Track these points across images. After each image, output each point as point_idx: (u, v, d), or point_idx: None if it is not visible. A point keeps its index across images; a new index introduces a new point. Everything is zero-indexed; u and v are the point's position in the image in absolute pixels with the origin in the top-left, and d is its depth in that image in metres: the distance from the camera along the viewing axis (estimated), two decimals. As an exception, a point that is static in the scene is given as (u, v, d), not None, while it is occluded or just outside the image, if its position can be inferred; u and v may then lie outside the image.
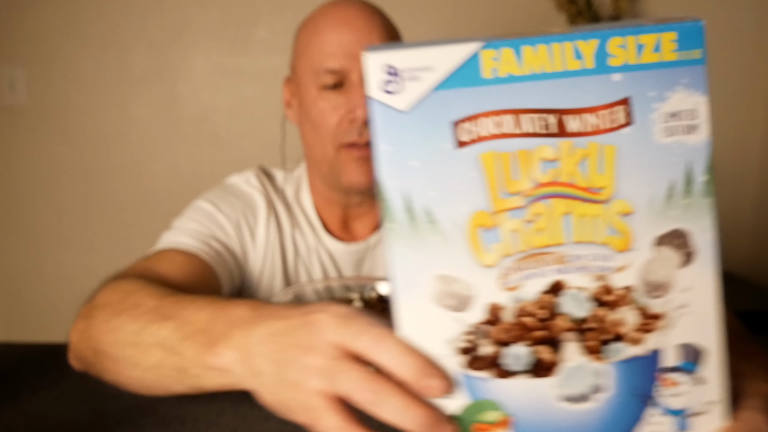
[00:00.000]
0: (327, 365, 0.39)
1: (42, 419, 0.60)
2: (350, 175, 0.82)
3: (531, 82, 0.36)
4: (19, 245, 1.93)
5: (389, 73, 0.36)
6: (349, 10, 0.82)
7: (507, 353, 0.38)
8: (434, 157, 0.37)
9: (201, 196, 0.88)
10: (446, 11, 1.81)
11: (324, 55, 0.80)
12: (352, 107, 0.80)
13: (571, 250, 0.37)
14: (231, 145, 1.87)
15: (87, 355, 0.59)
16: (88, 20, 1.81)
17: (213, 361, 0.45)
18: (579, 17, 1.64)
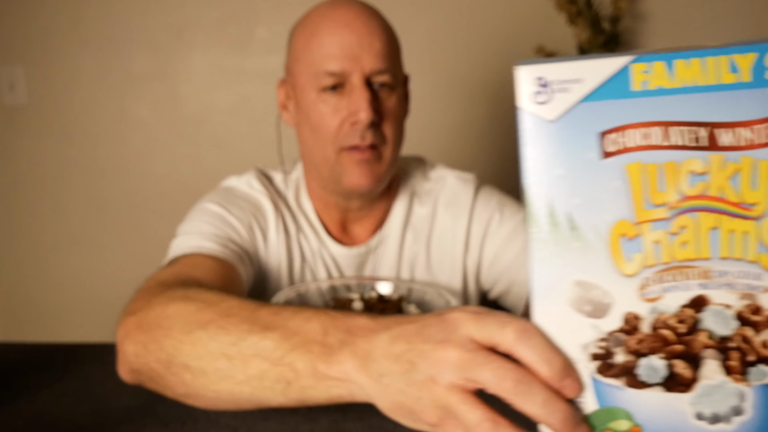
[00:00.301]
0: (464, 357, 0.38)
1: (42, 419, 0.60)
2: (352, 177, 0.81)
3: (682, 95, 0.36)
4: (19, 245, 1.93)
5: (540, 85, 0.38)
6: (349, 11, 0.81)
7: (642, 364, 0.38)
8: (579, 165, 0.37)
9: (206, 199, 0.86)
10: (446, 11, 1.81)
11: (324, 57, 0.79)
12: (354, 110, 0.79)
13: (717, 266, 0.37)
14: (231, 145, 1.87)
15: (153, 367, 0.55)
16: (88, 20, 1.81)
17: (329, 371, 0.43)
18: (579, 17, 1.64)
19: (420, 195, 0.93)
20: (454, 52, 1.83)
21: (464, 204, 0.91)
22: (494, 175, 1.86)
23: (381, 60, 0.80)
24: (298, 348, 0.45)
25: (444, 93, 1.86)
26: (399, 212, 0.91)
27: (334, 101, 0.80)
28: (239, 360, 0.48)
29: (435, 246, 0.91)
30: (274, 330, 0.48)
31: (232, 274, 0.75)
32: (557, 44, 1.74)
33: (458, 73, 1.84)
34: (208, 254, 0.75)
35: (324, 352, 0.44)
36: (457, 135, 1.87)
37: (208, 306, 0.54)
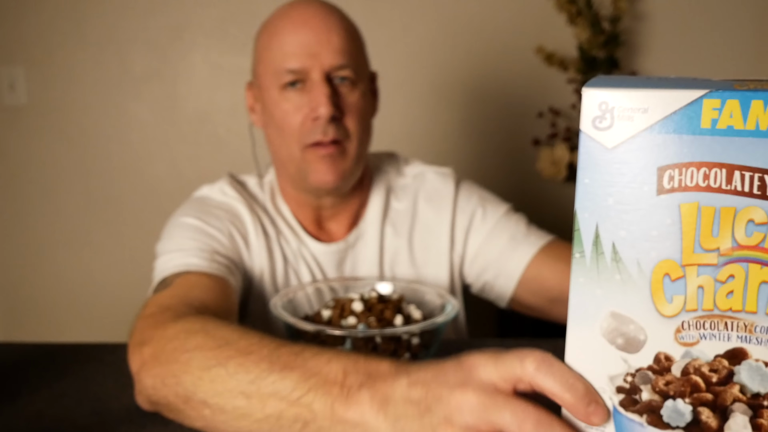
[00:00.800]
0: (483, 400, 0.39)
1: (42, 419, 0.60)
2: (318, 174, 0.82)
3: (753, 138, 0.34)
4: (19, 245, 1.93)
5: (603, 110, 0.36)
6: (307, 10, 0.82)
7: (667, 405, 0.37)
8: (632, 198, 0.36)
9: (181, 213, 0.85)
10: (446, 11, 1.81)
11: (284, 56, 0.81)
12: (315, 105, 0.80)
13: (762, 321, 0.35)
14: (231, 145, 1.87)
15: (171, 401, 0.55)
16: (88, 20, 1.81)
17: (346, 413, 0.44)
18: (579, 17, 1.64)
19: (396, 190, 0.94)
20: (454, 53, 1.83)
21: (446, 198, 0.92)
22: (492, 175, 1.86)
23: (340, 55, 0.81)
24: (317, 389, 0.46)
25: (444, 93, 1.86)
26: (375, 207, 0.92)
27: (295, 98, 0.81)
28: (257, 399, 0.49)
29: (418, 240, 0.92)
30: (294, 370, 0.48)
31: (226, 288, 0.76)
32: (557, 44, 1.74)
33: (458, 73, 1.84)
34: (198, 272, 0.75)
35: (342, 394, 0.45)
36: (456, 135, 1.87)
37: (228, 343, 0.53)
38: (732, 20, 1.84)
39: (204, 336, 0.56)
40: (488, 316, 1.76)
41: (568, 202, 2.09)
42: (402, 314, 0.70)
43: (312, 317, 0.73)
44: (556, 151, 1.66)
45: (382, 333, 0.64)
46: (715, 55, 1.86)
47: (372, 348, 0.64)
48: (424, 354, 0.68)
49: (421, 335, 0.68)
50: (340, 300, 0.72)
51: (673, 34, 1.84)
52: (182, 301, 0.67)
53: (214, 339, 0.55)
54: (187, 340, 0.56)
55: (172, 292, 0.70)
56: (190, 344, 0.55)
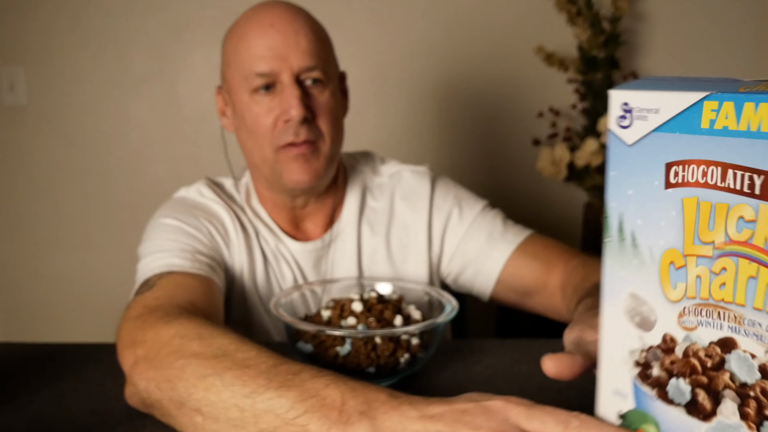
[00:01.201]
0: None
1: (42, 419, 0.60)
2: (292, 174, 0.83)
3: (744, 139, 0.36)
4: (19, 245, 1.93)
5: (624, 110, 0.40)
6: (274, 13, 0.82)
7: (671, 383, 0.40)
8: (646, 190, 0.40)
9: (159, 215, 0.85)
10: (446, 11, 1.81)
11: (252, 59, 0.81)
12: (286, 108, 0.80)
13: (749, 314, 0.37)
14: (230, 145, 1.87)
15: (164, 405, 0.55)
16: (88, 20, 1.81)
17: None
18: (579, 17, 1.64)
19: (372, 189, 0.95)
20: (454, 53, 1.83)
21: (423, 197, 0.93)
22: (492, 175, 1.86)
23: (309, 57, 0.81)
24: (315, 411, 0.46)
25: (444, 93, 1.86)
26: (351, 206, 0.93)
27: (266, 101, 0.82)
28: (251, 413, 0.49)
29: (395, 239, 0.92)
30: (291, 389, 0.48)
31: (211, 286, 0.76)
32: (557, 44, 1.74)
33: (458, 73, 1.84)
34: (181, 272, 0.75)
35: (341, 420, 0.45)
36: (456, 135, 1.87)
37: (225, 354, 0.54)
38: (732, 20, 1.84)
39: (200, 343, 0.56)
40: (488, 316, 1.76)
41: (568, 202, 2.10)
42: (401, 315, 0.70)
43: (312, 317, 0.73)
44: (556, 151, 1.66)
45: (381, 333, 0.64)
46: (715, 55, 1.86)
47: (371, 348, 0.64)
48: (423, 354, 0.68)
49: (420, 335, 0.68)
50: (340, 300, 0.72)
51: (673, 34, 1.84)
52: (169, 302, 0.67)
53: (211, 347, 0.55)
54: (183, 346, 0.56)
55: (157, 293, 0.70)
56: (186, 350, 0.55)
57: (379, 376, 0.65)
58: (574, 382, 0.68)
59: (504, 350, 0.77)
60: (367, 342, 0.64)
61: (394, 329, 0.66)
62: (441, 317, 0.68)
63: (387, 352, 0.64)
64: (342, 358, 0.64)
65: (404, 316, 0.70)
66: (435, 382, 0.68)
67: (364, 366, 0.64)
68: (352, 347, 0.64)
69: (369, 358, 0.64)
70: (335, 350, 0.65)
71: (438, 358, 0.74)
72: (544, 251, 0.89)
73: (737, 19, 1.84)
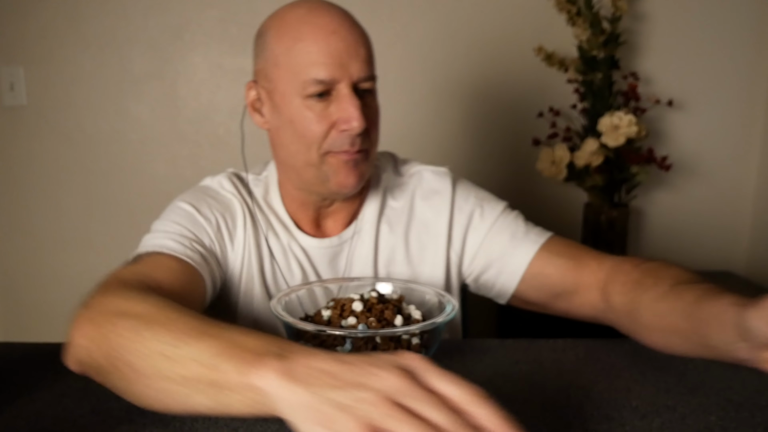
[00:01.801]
0: (385, 407, 0.42)
1: (42, 419, 0.60)
2: (339, 178, 0.83)
3: None
4: (19, 245, 1.93)
5: None
6: (334, 18, 0.81)
7: None
8: None
9: (180, 198, 0.88)
10: (446, 11, 1.81)
11: (310, 65, 0.79)
12: (346, 118, 0.79)
13: None
14: (231, 145, 1.87)
15: (99, 363, 0.58)
16: (88, 20, 1.81)
17: (250, 377, 0.47)
18: (579, 17, 1.64)
19: (393, 189, 0.95)
20: (454, 53, 1.83)
21: (444, 197, 0.93)
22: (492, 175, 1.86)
23: (367, 67, 0.81)
24: (233, 356, 0.49)
25: (444, 93, 1.86)
26: (372, 205, 0.93)
27: (320, 108, 0.80)
28: (178, 361, 0.52)
29: (414, 238, 0.92)
30: (214, 338, 0.52)
31: (193, 276, 0.77)
32: (557, 44, 1.74)
33: (458, 74, 1.84)
34: (171, 255, 0.77)
35: (254, 361, 0.47)
36: (456, 135, 1.87)
37: (159, 310, 0.58)
38: (732, 20, 1.84)
39: (136, 302, 0.60)
40: (488, 316, 1.76)
41: (568, 202, 2.10)
42: (402, 314, 0.70)
43: (312, 317, 0.73)
44: (556, 151, 1.66)
45: (381, 333, 0.64)
46: (715, 55, 1.86)
47: (372, 348, 0.64)
48: (423, 354, 0.68)
49: (420, 335, 0.68)
50: (340, 300, 0.72)
51: (673, 34, 1.84)
52: (139, 278, 0.70)
53: (146, 307, 0.59)
54: (122, 306, 0.60)
55: (135, 269, 0.73)
56: (125, 310, 0.59)
57: (380, 375, 0.65)
58: (574, 381, 0.68)
59: (504, 350, 0.77)
60: (367, 342, 0.64)
61: (395, 329, 0.66)
62: (441, 317, 0.68)
63: (387, 352, 0.64)
64: (342, 358, 0.64)
65: (404, 315, 0.70)
66: (435, 382, 0.68)
67: (364, 366, 0.64)
68: (353, 347, 0.64)
69: (369, 357, 0.64)
70: (336, 350, 0.65)
71: (438, 358, 0.74)
72: (570, 250, 0.88)
73: (737, 19, 1.84)
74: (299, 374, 0.45)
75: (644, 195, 1.90)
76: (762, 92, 1.89)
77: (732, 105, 1.88)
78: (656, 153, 1.70)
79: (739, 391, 0.66)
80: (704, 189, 1.93)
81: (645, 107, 1.70)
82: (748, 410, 0.62)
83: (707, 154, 1.91)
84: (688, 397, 0.65)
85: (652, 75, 1.85)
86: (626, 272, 0.79)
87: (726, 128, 1.90)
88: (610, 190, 1.71)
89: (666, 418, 0.60)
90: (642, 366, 0.73)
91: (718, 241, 1.97)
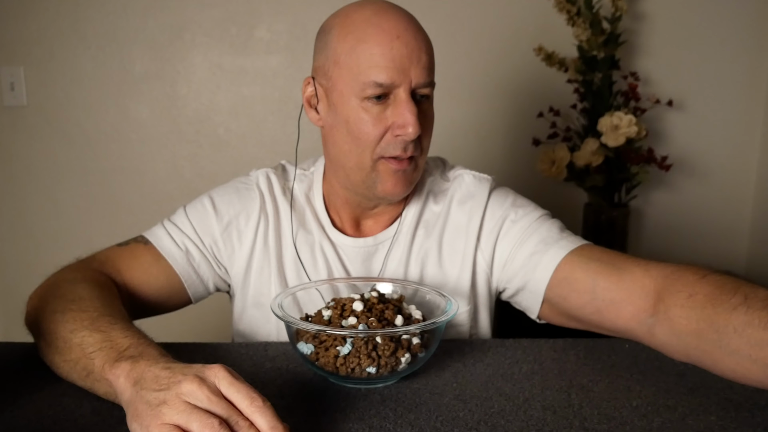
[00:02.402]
0: (179, 407, 0.51)
1: (42, 419, 0.60)
2: (387, 185, 0.83)
3: None
4: (19, 245, 1.93)
5: None
6: (399, 22, 0.81)
7: None
8: None
9: (213, 190, 0.94)
10: (446, 11, 1.81)
11: (372, 67, 0.78)
12: (402, 123, 0.79)
13: None
14: (231, 145, 1.87)
15: (32, 329, 0.74)
16: (88, 20, 1.81)
17: (108, 374, 0.58)
18: (579, 17, 1.64)
19: (436, 194, 0.95)
20: (454, 53, 1.83)
21: (478, 201, 0.92)
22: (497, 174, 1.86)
23: (427, 73, 0.81)
24: (105, 350, 0.61)
25: (443, 93, 1.86)
26: (414, 209, 0.93)
27: (376, 111, 0.80)
28: (69, 345, 0.64)
29: (447, 242, 0.91)
30: (101, 333, 0.63)
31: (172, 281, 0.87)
32: (557, 44, 1.74)
33: (458, 73, 1.84)
34: (158, 251, 0.87)
35: (116, 361, 0.58)
36: (456, 135, 1.87)
37: (80, 299, 0.71)
38: (732, 20, 1.84)
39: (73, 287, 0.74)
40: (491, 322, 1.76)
41: (568, 202, 2.10)
42: (402, 314, 0.70)
43: (313, 317, 0.73)
44: (556, 151, 1.66)
45: (381, 333, 0.64)
46: (715, 55, 1.86)
47: (372, 348, 0.64)
48: (424, 354, 0.68)
49: (421, 335, 0.68)
50: (341, 300, 0.72)
51: (673, 34, 1.84)
52: (104, 263, 0.85)
53: (76, 293, 0.72)
54: (63, 286, 0.75)
55: (111, 253, 0.89)
56: (62, 290, 0.74)
57: (380, 375, 0.65)
58: (575, 381, 0.68)
59: (504, 350, 0.77)
60: (367, 341, 0.64)
61: (394, 329, 0.66)
62: (442, 317, 0.68)
63: (388, 352, 0.64)
64: (343, 358, 0.64)
65: (405, 315, 0.70)
66: (435, 382, 0.68)
67: (364, 365, 0.64)
68: (353, 347, 0.64)
69: (370, 357, 0.64)
70: (336, 350, 0.65)
71: (438, 358, 0.74)
72: (608, 255, 0.81)
73: (737, 19, 1.84)
74: (137, 377, 0.55)
75: (644, 195, 1.90)
76: (762, 92, 1.89)
77: (732, 105, 1.88)
78: (656, 153, 1.70)
79: (739, 391, 0.66)
80: (704, 189, 1.93)
81: (645, 107, 1.70)
82: (748, 410, 0.62)
83: (707, 154, 1.91)
84: (688, 397, 0.65)
85: (652, 75, 1.85)
86: (691, 283, 0.70)
87: (726, 128, 1.90)
88: (610, 190, 1.71)
89: (666, 417, 0.60)
90: (642, 366, 0.73)
91: (718, 241, 1.97)
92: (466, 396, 0.65)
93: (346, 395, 0.64)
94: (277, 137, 1.85)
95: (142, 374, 0.55)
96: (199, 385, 0.51)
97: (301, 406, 0.62)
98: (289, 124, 1.85)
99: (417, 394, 0.65)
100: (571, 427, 0.58)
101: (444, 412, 0.61)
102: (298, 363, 0.73)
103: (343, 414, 0.60)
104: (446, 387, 0.67)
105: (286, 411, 0.60)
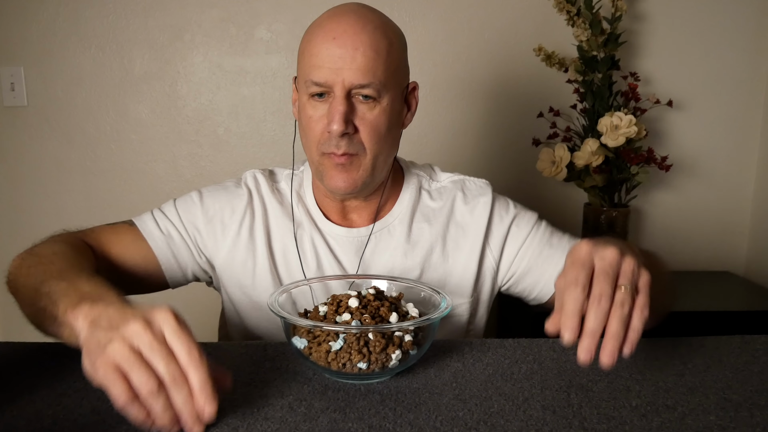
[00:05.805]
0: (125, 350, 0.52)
1: (42, 419, 0.60)
2: (331, 180, 0.88)
3: None
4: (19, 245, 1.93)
5: None
6: (341, 24, 0.84)
7: None
8: None
9: (206, 186, 0.98)
10: (446, 11, 1.81)
11: (312, 67, 0.84)
12: (329, 120, 0.83)
13: None
14: (231, 144, 1.87)
15: (11, 286, 0.78)
16: (88, 20, 1.81)
17: (69, 316, 0.60)
18: (579, 17, 1.64)
19: (430, 191, 1.00)
20: (454, 53, 1.83)
21: (485, 205, 0.98)
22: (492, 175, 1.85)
23: (362, 75, 0.83)
24: (68, 295, 0.62)
25: (444, 93, 1.86)
26: (404, 203, 0.97)
27: (319, 107, 0.85)
28: (38, 294, 0.67)
29: (451, 237, 0.96)
30: (66, 281, 0.65)
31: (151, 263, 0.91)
32: (557, 44, 1.74)
33: (458, 74, 1.84)
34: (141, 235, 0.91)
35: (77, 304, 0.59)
36: (456, 135, 1.87)
37: (52, 255, 0.75)
38: (732, 21, 1.84)
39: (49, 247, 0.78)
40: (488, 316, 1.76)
41: (568, 202, 2.10)
42: (398, 312, 0.70)
43: (309, 312, 0.73)
44: (556, 151, 1.66)
45: (372, 329, 0.64)
46: (715, 55, 1.86)
47: (363, 344, 0.65)
48: (416, 351, 0.68)
49: (414, 333, 0.68)
50: (337, 296, 0.72)
51: (673, 34, 1.84)
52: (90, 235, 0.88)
53: (50, 251, 0.76)
54: (42, 248, 0.79)
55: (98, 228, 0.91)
56: (39, 250, 0.78)
57: (371, 371, 0.65)
58: (574, 381, 0.68)
59: (504, 350, 0.77)
60: (359, 337, 0.65)
61: (385, 326, 0.66)
62: (434, 315, 0.68)
63: (378, 348, 0.64)
64: (334, 353, 0.65)
65: (401, 313, 0.70)
66: (435, 382, 0.68)
67: (355, 361, 0.64)
68: (345, 342, 0.65)
69: (360, 353, 0.64)
70: (328, 345, 0.65)
71: (438, 358, 0.74)
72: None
73: (737, 19, 1.84)
74: (94, 318, 0.56)
75: (644, 195, 1.90)
76: (762, 92, 1.89)
77: (732, 105, 1.88)
78: (656, 153, 1.70)
79: (738, 391, 0.66)
80: (704, 189, 1.93)
81: (645, 107, 1.70)
82: (748, 410, 0.62)
83: (707, 154, 1.91)
84: (688, 397, 0.65)
85: (652, 75, 1.85)
86: None
87: (726, 128, 1.90)
88: (610, 190, 1.71)
89: (666, 417, 0.60)
90: (642, 366, 0.73)
91: (718, 241, 1.97)
92: (465, 396, 0.65)
93: (345, 395, 0.64)
94: (277, 137, 1.85)
95: (99, 315, 0.57)
96: (144, 327, 0.53)
97: (301, 406, 0.62)
98: (289, 124, 1.85)
99: (416, 393, 0.65)
100: (570, 427, 0.58)
101: (444, 412, 0.61)
102: (298, 363, 0.73)
103: (342, 414, 0.60)
104: (446, 387, 0.67)
105: (286, 410, 0.60)
